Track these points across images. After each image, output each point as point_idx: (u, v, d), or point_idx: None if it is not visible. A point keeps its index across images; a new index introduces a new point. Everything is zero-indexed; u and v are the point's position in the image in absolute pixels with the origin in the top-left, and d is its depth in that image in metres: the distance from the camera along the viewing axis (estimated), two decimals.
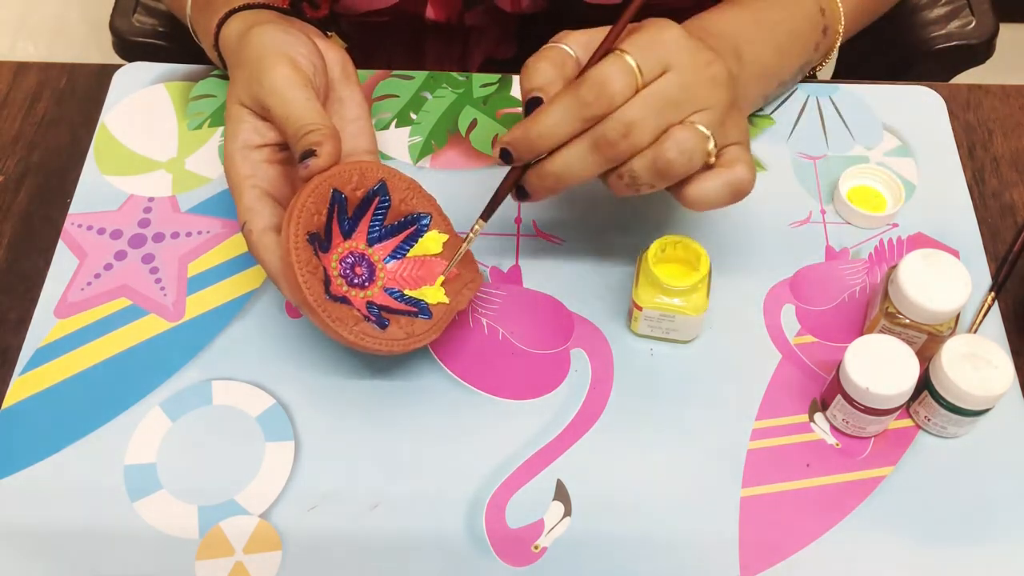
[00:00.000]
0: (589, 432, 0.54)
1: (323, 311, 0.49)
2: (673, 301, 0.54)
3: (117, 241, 0.61)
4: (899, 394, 0.50)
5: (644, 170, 0.48)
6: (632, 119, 0.47)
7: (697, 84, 0.48)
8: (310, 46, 0.55)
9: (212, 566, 0.50)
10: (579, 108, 0.47)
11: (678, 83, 0.48)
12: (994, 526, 0.51)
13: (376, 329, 0.50)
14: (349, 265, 0.52)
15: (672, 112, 0.48)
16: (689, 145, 0.47)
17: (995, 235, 0.62)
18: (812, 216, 0.62)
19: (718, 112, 0.49)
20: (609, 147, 0.47)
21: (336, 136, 0.51)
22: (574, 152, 0.48)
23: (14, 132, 0.67)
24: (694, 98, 0.48)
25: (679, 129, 0.48)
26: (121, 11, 0.80)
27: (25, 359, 0.56)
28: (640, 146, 0.48)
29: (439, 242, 0.55)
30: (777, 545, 0.51)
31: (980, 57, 0.79)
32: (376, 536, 0.51)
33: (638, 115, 0.47)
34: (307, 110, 0.51)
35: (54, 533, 0.51)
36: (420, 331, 0.51)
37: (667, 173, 0.48)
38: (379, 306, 0.52)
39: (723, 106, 0.49)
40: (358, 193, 0.52)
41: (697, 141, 0.48)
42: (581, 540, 0.51)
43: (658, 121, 0.48)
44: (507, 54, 0.78)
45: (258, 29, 0.54)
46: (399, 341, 0.50)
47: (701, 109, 0.48)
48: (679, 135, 0.47)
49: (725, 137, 0.50)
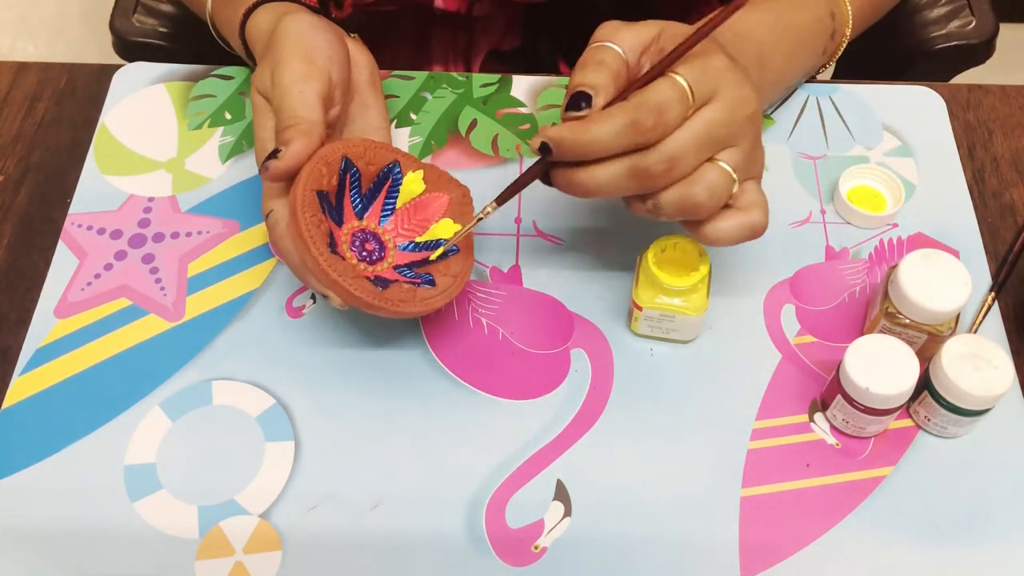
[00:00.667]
0: (589, 432, 0.54)
1: (325, 262, 0.48)
2: (673, 301, 0.54)
3: (117, 241, 0.61)
4: (899, 394, 0.50)
5: (670, 204, 0.48)
6: (676, 155, 0.47)
7: (735, 122, 0.48)
8: (333, 39, 0.55)
9: (212, 566, 0.50)
10: (634, 132, 0.46)
11: (720, 120, 0.47)
12: (994, 526, 0.51)
13: (377, 288, 0.50)
14: (360, 241, 0.52)
15: (709, 149, 0.48)
16: (718, 189, 0.48)
17: (995, 235, 0.62)
18: (812, 216, 0.62)
19: (746, 150, 0.49)
20: (649, 178, 0.47)
21: (312, 133, 0.50)
22: (611, 172, 0.47)
23: (14, 132, 0.67)
24: (730, 136, 0.48)
25: (710, 170, 0.48)
26: (121, 11, 0.80)
27: (25, 359, 0.56)
28: (676, 181, 0.48)
29: (418, 179, 0.55)
30: (777, 545, 0.51)
31: (980, 57, 0.79)
32: (376, 536, 0.51)
33: (681, 151, 0.47)
34: (297, 104, 0.51)
35: (54, 533, 0.51)
36: (424, 296, 0.52)
37: (692, 212, 0.48)
38: (388, 280, 0.52)
39: (751, 143, 0.49)
40: (371, 168, 0.52)
41: (725, 185, 0.48)
42: (581, 540, 0.51)
43: (698, 157, 0.47)
44: (512, 45, 0.78)
45: (288, 18, 0.54)
46: (403, 303, 0.50)
47: (732, 146, 0.48)
48: (711, 178, 0.48)
49: (747, 173, 0.50)
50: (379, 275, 0.52)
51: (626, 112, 0.46)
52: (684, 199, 0.48)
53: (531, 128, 0.67)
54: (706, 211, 0.48)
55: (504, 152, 0.65)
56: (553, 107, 0.67)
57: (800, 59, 0.62)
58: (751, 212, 0.50)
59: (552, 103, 0.67)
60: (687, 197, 0.48)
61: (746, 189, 0.50)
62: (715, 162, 0.48)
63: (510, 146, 0.66)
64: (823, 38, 0.63)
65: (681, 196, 0.48)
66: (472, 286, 0.59)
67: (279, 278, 0.59)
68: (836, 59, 0.67)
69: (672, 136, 0.47)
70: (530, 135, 0.66)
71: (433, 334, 0.57)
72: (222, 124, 0.66)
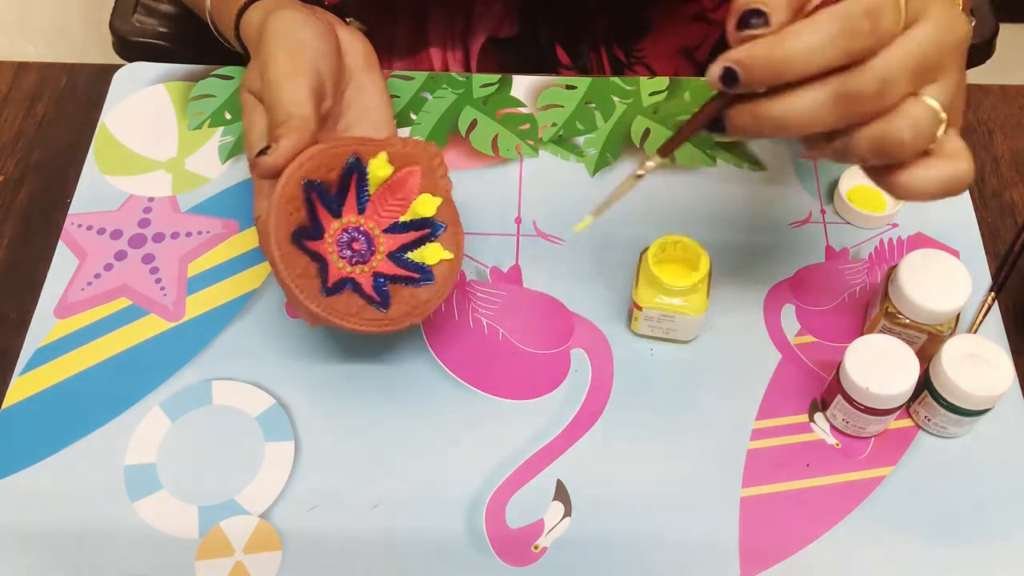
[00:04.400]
0: (589, 432, 0.54)
1: (323, 310, 0.49)
2: (673, 301, 0.54)
3: (117, 241, 0.61)
4: (899, 394, 0.50)
5: (867, 142, 0.41)
6: (889, 76, 0.39)
7: (947, 46, 0.41)
8: (321, 31, 0.54)
9: (212, 566, 0.50)
10: (849, 37, 0.38)
11: (934, 41, 0.40)
12: (994, 526, 0.51)
13: (380, 312, 0.50)
14: (346, 243, 0.52)
15: (922, 77, 0.40)
16: (924, 126, 0.40)
17: (995, 235, 0.62)
18: (812, 216, 0.62)
19: (954, 84, 0.42)
20: (858, 103, 0.39)
21: (303, 128, 0.50)
22: (812, 98, 0.40)
23: (14, 132, 0.67)
24: (940, 65, 0.41)
25: (915, 104, 0.40)
26: (121, 11, 0.80)
27: (25, 359, 0.56)
28: (886, 110, 0.40)
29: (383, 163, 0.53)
30: (777, 545, 0.51)
31: (980, 57, 0.79)
32: (376, 536, 0.51)
33: (895, 72, 0.39)
34: (288, 101, 0.50)
35: (54, 533, 0.51)
36: (424, 299, 0.51)
37: (892, 153, 0.41)
38: (386, 276, 0.52)
39: (959, 77, 0.42)
40: (333, 175, 0.51)
41: (932, 124, 0.41)
42: (581, 540, 0.51)
43: (911, 84, 0.40)
44: (510, 32, 0.78)
45: (274, 15, 0.54)
46: (406, 315, 0.51)
47: (940, 78, 0.41)
48: (916, 112, 0.40)
49: (953, 115, 0.42)
50: (378, 272, 0.52)
51: (834, 15, 0.38)
52: (885, 135, 0.40)
53: (531, 128, 0.66)
54: (908, 152, 0.41)
55: (504, 152, 0.65)
56: (553, 107, 0.67)
57: None
58: (957, 160, 0.42)
59: (552, 103, 0.67)
60: (889, 133, 0.40)
61: (950, 135, 0.43)
62: (920, 97, 0.41)
63: (510, 146, 0.66)
64: None
65: (882, 132, 0.40)
66: (472, 286, 0.59)
67: None
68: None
69: (883, 54, 0.39)
70: (530, 135, 0.66)
71: (433, 334, 0.57)
72: (222, 124, 0.66)
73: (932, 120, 0.41)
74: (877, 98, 0.39)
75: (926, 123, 0.40)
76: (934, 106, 0.41)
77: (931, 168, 0.42)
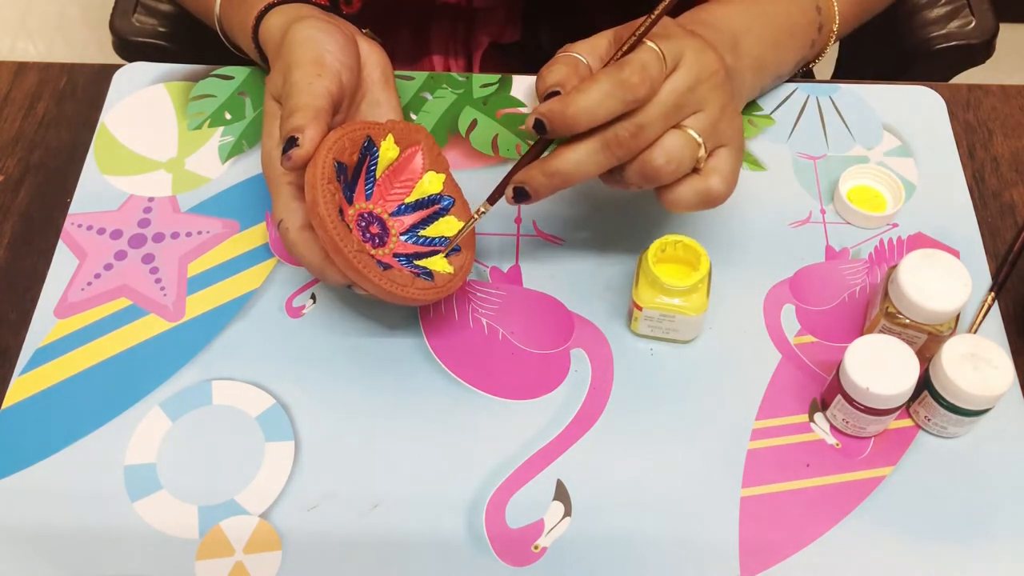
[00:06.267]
0: (589, 432, 0.54)
1: (386, 283, 0.50)
2: (673, 301, 0.54)
3: (117, 241, 0.61)
4: (899, 394, 0.50)
5: (634, 173, 0.49)
6: (644, 121, 0.47)
7: (700, 87, 0.49)
8: (344, 43, 0.55)
9: (212, 566, 0.50)
10: (623, 89, 0.46)
11: (686, 84, 0.48)
12: (994, 526, 0.51)
13: (428, 281, 0.52)
14: (364, 227, 0.53)
15: (676, 115, 0.49)
16: (677, 153, 0.48)
17: (995, 235, 0.62)
18: (812, 216, 0.62)
19: (712, 115, 0.50)
20: (619, 147, 0.48)
21: (319, 119, 0.50)
22: (584, 150, 0.48)
23: (14, 132, 0.67)
24: (697, 101, 0.49)
25: (672, 136, 0.48)
26: (121, 11, 0.80)
27: (25, 359, 0.56)
28: (645, 146, 0.48)
29: (391, 144, 0.54)
30: (777, 545, 0.51)
31: (980, 57, 0.79)
32: (376, 536, 0.51)
33: (651, 117, 0.47)
34: (305, 94, 0.51)
35: (54, 533, 0.51)
36: (459, 264, 0.54)
37: (654, 178, 0.49)
38: (407, 255, 0.53)
39: (719, 107, 0.50)
40: (354, 157, 0.52)
41: (687, 149, 0.49)
42: (581, 540, 0.51)
43: (665, 124, 0.48)
44: (512, 38, 0.78)
45: (298, 24, 0.54)
46: (449, 282, 0.52)
47: (698, 111, 0.49)
48: (670, 143, 0.48)
49: (718, 139, 0.50)
50: (397, 252, 0.53)
51: (610, 73, 0.47)
52: (644, 165, 0.48)
53: None
54: (667, 176, 0.49)
55: (504, 152, 0.65)
56: None
57: (787, 49, 0.63)
58: (708, 177, 0.50)
59: None
60: (647, 163, 0.48)
61: (714, 155, 0.51)
62: (680, 128, 0.49)
63: (510, 146, 0.66)
64: (811, 29, 0.64)
65: (642, 163, 0.48)
66: (472, 286, 0.59)
67: (279, 278, 0.59)
68: (833, 56, 0.68)
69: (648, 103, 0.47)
70: (530, 135, 0.66)
71: (433, 334, 0.57)
72: (222, 124, 0.66)
73: (686, 146, 0.49)
74: (633, 140, 0.47)
75: (679, 150, 0.48)
76: (691, 135, 0.49)
77: (685, 184, 0.50)
